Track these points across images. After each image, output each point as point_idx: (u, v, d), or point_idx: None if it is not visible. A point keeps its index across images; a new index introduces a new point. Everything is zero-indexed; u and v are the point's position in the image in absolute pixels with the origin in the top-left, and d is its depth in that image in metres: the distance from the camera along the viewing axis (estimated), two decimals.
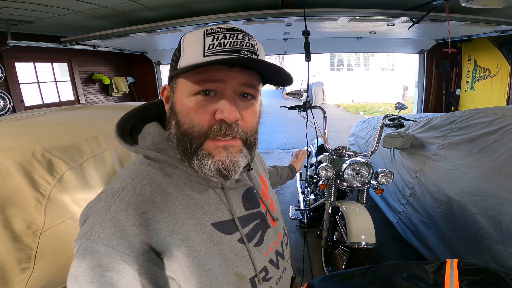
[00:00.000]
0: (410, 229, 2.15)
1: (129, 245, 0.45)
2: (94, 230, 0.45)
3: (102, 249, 0.44)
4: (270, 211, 0.70)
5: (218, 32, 0.51)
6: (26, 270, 0.92)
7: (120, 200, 0.49)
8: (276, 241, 0.69)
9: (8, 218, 0.92)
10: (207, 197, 0.57)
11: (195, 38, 0.52)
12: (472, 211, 1.55)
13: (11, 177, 0.96)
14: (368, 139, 3.27)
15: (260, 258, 0.61)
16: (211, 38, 0.51)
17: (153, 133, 0.58)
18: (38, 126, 1.32)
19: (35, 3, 2.33)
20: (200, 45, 0.51)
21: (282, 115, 10.27)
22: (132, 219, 0.47)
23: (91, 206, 0.51)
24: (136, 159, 0.59)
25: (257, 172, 0.76)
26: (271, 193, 0.78)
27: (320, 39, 4.49)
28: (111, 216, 0.47)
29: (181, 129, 0.52)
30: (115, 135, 0.58)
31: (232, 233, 0.57)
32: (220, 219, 0.56)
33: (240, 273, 0.56)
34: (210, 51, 0.50)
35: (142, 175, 0.54)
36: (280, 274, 0.68)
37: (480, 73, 4.90)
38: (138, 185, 0.52)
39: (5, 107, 3.41)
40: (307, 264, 2.07)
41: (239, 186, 0.63)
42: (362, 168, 1.80)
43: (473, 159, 1.73)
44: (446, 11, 2.47)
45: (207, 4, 2.80)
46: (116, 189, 0.51)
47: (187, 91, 0.52)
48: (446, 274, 0.89)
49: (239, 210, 0.61)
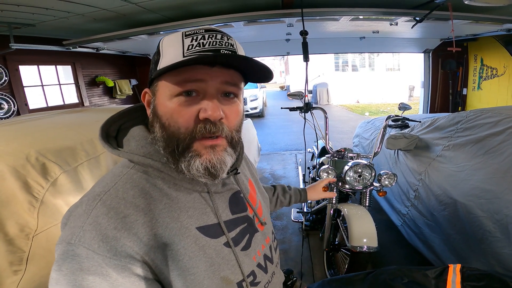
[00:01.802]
0: (415, 232, 2.11)
1: (110, 249, 0.44)
2: (75, 234, 0.45)
3: (83, 252, 0.43)
4: (258, 215, 0.70)
5: (196, 33, 0.52)
6: (18, 272, 0.93)
7: (101, 204, 0.48)
8: (265, 245, 0.69)
9: (1, 221, 0.93)
10: (192, 201, 0.56)
11: (174, 40, 0.52)
12: (478, 214, 1.51)
13: (4, 181, 0.96)
14: (372, 140, 3.23)
15: (248, 262, 0.61)
16: (190, 39, 0.51)
17: (138, 137, 0.58)
18: (35, 130, 1.33)
19: (35, 6, 2.35)
20: (179, 46, 0.51)
21: (286, 116, 10.25)
22: (114, 223, 0.46)
23: (72, 210, 0.50)
24: (121, 162, 0.59)
25: (245, 176, 0.75)
26: (260, 197, 0.77)
27: (323, 40, 4.46)
28: (92, 219, 0.46)
29: (167, 132, 0.52)
30: (99, 138, 0.57)
31: (218, 237, 0.57)
32: (206, 223, 0.56)
33: (227, 277, 0.56)
34: (189, 52, 0.50)
35: (125, 178, 0.53)
36: (269, 279, 0.67)
37: (487, 72, 4.81)
38: (120, 189, 0.51)
39: (9, 110, 3.45)
40: (309, 267, 2.04)
41: (225, 190, 0.63)
42: (364, 170, 1.77)
43: (479, 160, 1.69)
44: (449, 9, 2.43)
45: (208, 6, 2.79)
46: (98, 193, 0.50)
47: (168, 93, 0.51)
48: (448, 279, 0.86)
49: (225, 214, 0.60)
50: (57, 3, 2.30)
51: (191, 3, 2.69)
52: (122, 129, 0.62)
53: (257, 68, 0.54)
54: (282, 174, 4.54)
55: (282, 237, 2.71)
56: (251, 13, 2.72)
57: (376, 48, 6.04)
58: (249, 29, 3.32)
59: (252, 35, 3.95)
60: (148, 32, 3.07)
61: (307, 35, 1.61)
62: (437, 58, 5.25)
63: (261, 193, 0.82)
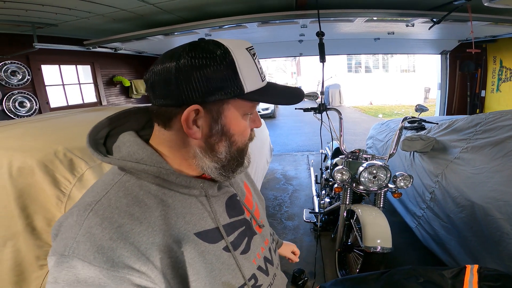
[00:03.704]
0: (430, 234, 2.08)
1: (107, 260, 0.43)
2: (68, 246, 0.43)
3: (78, 264, 0.42)
4: (256, 218, 0.69)
5: (250, 50, 0.54)
6: (43, 267, 0.95)
7: (93, 214, 0.46)
8: (264, 247, 0.68)
9: (29, 215, 0.96)
10: (189, 207, 0.55)
11: (247, 58, 0.52)
12: (496, 216, 1.48)
13: (34, 175, 0.99)
14: (386, 142, 3.19)
15: (248, 266, 0.60)
16: (256, 60, 0.54)
17: (129, 143, 0.55)
18: (60, 127, 1.37)
19: (58, 6, 2.44)
20: (254, 68, 0.53)
21: (298, 117, 10.22)
22: (108, 233, 0.45)
23: (62, 221, 0.48)
24: (110, 170, 0.57)
25: (240, 179, 0.75)
26: (257, 200, 0.77)
27: (337, 41, 4.43)
28: (84, 230, 0.44)
29: (238, 147, 0.56)
30: (87, 145, 0.55)
31: (217, 241, 0.56)
32: (204, 228, 0.55)
33: (228, 282, 0.55)
34: (261, 75, 0.54)
35: (117, 187, 0.51)
36: (271, 281, 0.67)
37: (506, 74, 4.67)
38: (113, 197, 0.49)
39: (32, 108, 3.58)
40: (320, 267, 2.04)
41: (221, 194, 0.62)
42: (379, 172, 1.76)
43: (498, 163, 1.66)
44: (469, 11, 2.38)
45: (222, 7, 2.83)
46: (89, 203, 0.48)
47: (242, 112, 0.54)
48: (465, 280, 0.86)
49: (223, 218, 0.59)
50: (80, 3, 2.39)
51: (206, 4, 2.74)
52: (110, 135, 0.60)
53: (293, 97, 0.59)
54: (293, 175, 4.54)
55: (293, 237, 2.71)
56: (265, 14, 2.73)
57: (391, 49, 5.95)
58: (263, 30, 3.34)
59: (265, 36, 3.96)
60: (164, 32, 3.13)
61: (323, 36, 1.62)
62: (454, 60, 5.14)
63: (257, 195, 0.81)
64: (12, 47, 3.28)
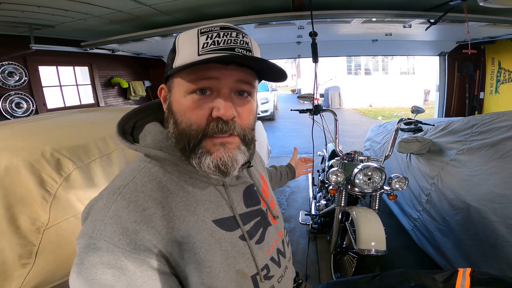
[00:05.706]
0: (426, 237, 2.06)
1: (130, 242, 0.45)
2: (96, 228, 0.46)
3: (104, 246, 0.44)
4: (271, 209, 0.70)
5: (211, 31, 0.52)
6: (26, 265, 0.94)
7: (121, 198, 0.49)
8: (277, 239, 0.69)
9: (14, 215, 0.95)
10: (208, 194, 0.57)
11: (189, 37, 0.52)
12: (492, 219, 1.47)
13: (19, 175, 0.99)
14: (383, 144, 3.18)
15: (262, 256, 0.61)
16: (205, 37, 0.51)
17: (153, 132, 0.58)
18: (50, 127, 1.37)
19: (55, 8, 2.43)
20: (194, 44, 0.51)
21: (297, 120, 10.20)
22: (134, 216, 0.47)
23: (93, 204, 0.51)
24: (137, 158, 0.60)
25: (257, 170, 0.76)
26: (271, 192, 0.78)
27: (335, 42, 4.42)
28: (112, 213, 0.47)
29: (179, 128, 0.53)
30: (116, 134, 0.59)
31: (233, 230, 0.57)
32: (221, 216, 0.56)
33: (241, 270, 0.56)
34: (204, 50, 0.50)
35: (143, 172, 0.54)
36: (282, 273, 0.67)
37: (504, 76, 4.66)
38: (139, 182, 0.52)
39: (28, 109, 3.57)
40: (315, 270, 2.02)
41: (239, 183, 0.63)
42: (374, 173, 1.74)
43: (494, 165, 1.64)
44: (465, 11, 2.37)
45: (219, 8, 2.83)
46: (118, 187, 0.51)
47: (183, 90, 0.52)
48: (457, 284, 0.84)
49: (240, 207, 0.61)
50: (76, 5, 2.38)
51: (203, 6, 2.74)
52: (136, 126, 0.64)
53: (271, 69, 0.54)
54: None
55: (289, 240, 2.69)
56: (262, 16, 2.73)
57: (390, 51, 5.94)
58: (260, 31, 3.33)
59: (263, 37, 3.96)
60: (161, 34, 3.13)
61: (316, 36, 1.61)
62: (453, 61, 5.12)
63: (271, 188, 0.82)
64: (9, 48, 3.27)
